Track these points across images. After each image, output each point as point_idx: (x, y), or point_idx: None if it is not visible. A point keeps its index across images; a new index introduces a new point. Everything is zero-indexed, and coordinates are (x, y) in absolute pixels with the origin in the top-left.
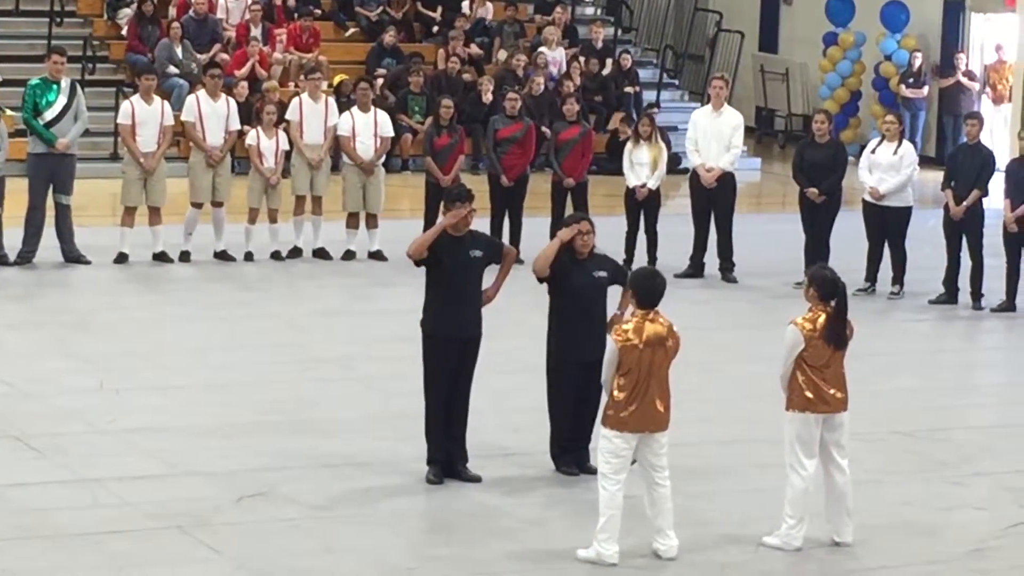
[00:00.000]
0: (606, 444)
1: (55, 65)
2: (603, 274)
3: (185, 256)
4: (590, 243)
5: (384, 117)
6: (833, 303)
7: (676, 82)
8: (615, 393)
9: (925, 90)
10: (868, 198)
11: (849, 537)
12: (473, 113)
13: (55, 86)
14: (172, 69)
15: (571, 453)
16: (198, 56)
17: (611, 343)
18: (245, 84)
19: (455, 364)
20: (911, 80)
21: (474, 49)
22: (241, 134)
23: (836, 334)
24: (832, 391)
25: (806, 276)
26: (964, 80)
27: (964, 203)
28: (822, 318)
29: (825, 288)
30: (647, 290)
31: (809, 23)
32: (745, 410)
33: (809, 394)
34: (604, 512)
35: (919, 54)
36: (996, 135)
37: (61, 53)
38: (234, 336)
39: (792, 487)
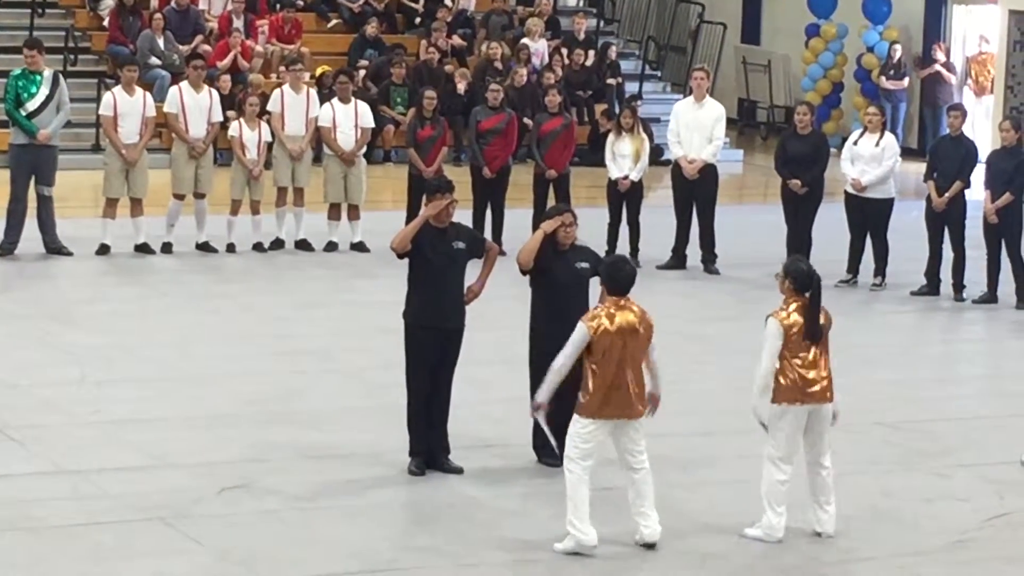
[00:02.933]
0: (576, 428)
1: (28, 58)
2: (585, 265)
3: (167, 248)
4: (573, 235)
5: (364, 108)
6: (807, 295)
7: (658, 74)
8: (590, 381)
9: (905, 81)
10: (850, 190)
11: (831, 528)
12: (449, 104)
13: (37, 77)
14: (154, 60)
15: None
16: (180, 47)
17: (582, 328)
18: (227, 78)
19: (437, 355)
20: (892, 72)
21: (456, 40)
22: (223, 126)
23: (811, 328)
24: (815, 379)
25: (781, 268)
26: (942, 72)
27: (946, 195)
28: (796, 307)
29: (800, 280)
30: (615, 278)
31: (791, 15)
32: (727, 401)
33: (793, 386)
34: (572, 497)
35: (898, 46)
36: (978, 127)
37: (31, 46)
38: (216, 328)
39: (772, 479)
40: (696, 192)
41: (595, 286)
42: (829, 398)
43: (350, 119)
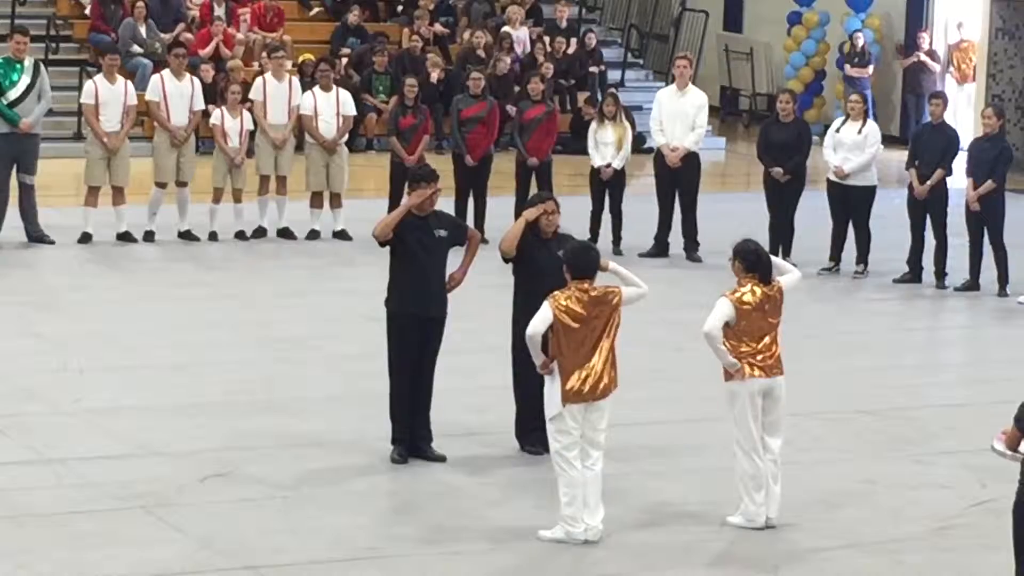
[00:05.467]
0: (554, 424)
1: (17, 45)
2: None
3: (149, 236)
4: (555, 223)
5: (346, 96)
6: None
7: (640, 61)
8: (558, 368)
9: (870, 69)
10: (833, 177)
11: (772, 512)
12: (425, 93)
13: (18, 66)
14: (136, 48)
15: (535, 432)
16: (162, 35)
17: (546, 309)
18: (210, 67)
19: (420, 343)
20: (856, 60)
21: (439, 28)
22: (206, 114)
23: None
24: (765, 356)
25: (731, 251)
26: (926, 60)
27: (928, 182)
28: (749, 288)
29: (748, 260)
30: (577, 262)
31: (773, 3)
32: (709, 389)
33: (746, 364)
34: (568, 491)
35: (860, 34)
36: (960, 114)
37: (23, 33)
38: (198, 316)
39: (742, 463)
40: (679, 180)
41: None
42: (779, 372)
43: (331, 107)
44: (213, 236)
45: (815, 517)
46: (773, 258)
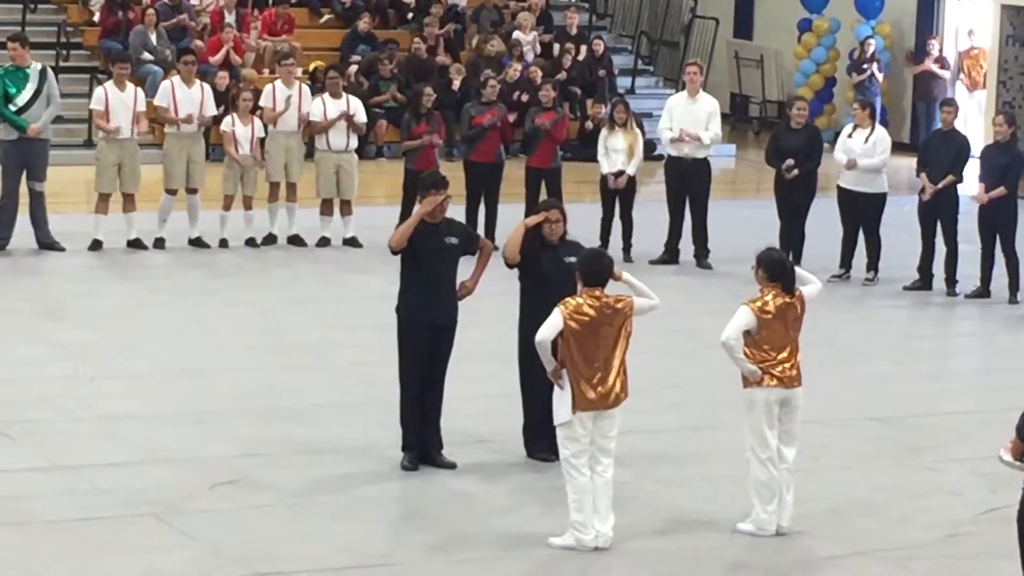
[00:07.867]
0: (563, 431)
1: (14, 52)
2: (574, 260)
3: (159, 243)
4: (558, 231)
5: (356, 103)
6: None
7: (651, 68)
8: (567, 376)
9: (880, 76)
10: (843, 184)
11: (785, 521)
12: (443, 100)
13: (24, 73)
14: (146, 56)
15: (545, 439)
16: (184, 17)
17: (556, 316)
18: (225, 74)
19: (430, 350)
20: (863, 66)
21: (447, 34)
22: (217, 120)
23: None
24: (784, 366)
25: (755, 258)
26: (935, 68)
27: (938, 185)
28: (771, 297)
29: (772, 268)
30: (590, 269)
31: (784, 9)
32: (720, 397)
33: (765, 374)
34: (577, 498)
35: (872, 40)
36: (971, 121)
37: (20, 40)
38: (208, 323)
39: (756, 471)
40: (689, 187)
41: None
42: (797, 384)
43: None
44: (223, 243)
45: (825, 524)
46: (796, 268)
